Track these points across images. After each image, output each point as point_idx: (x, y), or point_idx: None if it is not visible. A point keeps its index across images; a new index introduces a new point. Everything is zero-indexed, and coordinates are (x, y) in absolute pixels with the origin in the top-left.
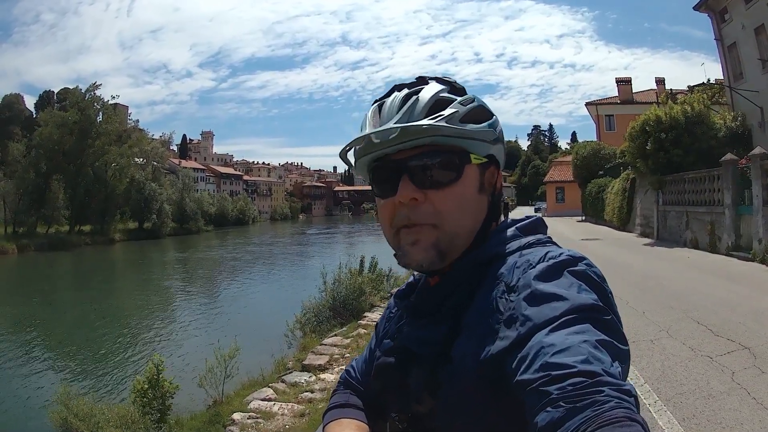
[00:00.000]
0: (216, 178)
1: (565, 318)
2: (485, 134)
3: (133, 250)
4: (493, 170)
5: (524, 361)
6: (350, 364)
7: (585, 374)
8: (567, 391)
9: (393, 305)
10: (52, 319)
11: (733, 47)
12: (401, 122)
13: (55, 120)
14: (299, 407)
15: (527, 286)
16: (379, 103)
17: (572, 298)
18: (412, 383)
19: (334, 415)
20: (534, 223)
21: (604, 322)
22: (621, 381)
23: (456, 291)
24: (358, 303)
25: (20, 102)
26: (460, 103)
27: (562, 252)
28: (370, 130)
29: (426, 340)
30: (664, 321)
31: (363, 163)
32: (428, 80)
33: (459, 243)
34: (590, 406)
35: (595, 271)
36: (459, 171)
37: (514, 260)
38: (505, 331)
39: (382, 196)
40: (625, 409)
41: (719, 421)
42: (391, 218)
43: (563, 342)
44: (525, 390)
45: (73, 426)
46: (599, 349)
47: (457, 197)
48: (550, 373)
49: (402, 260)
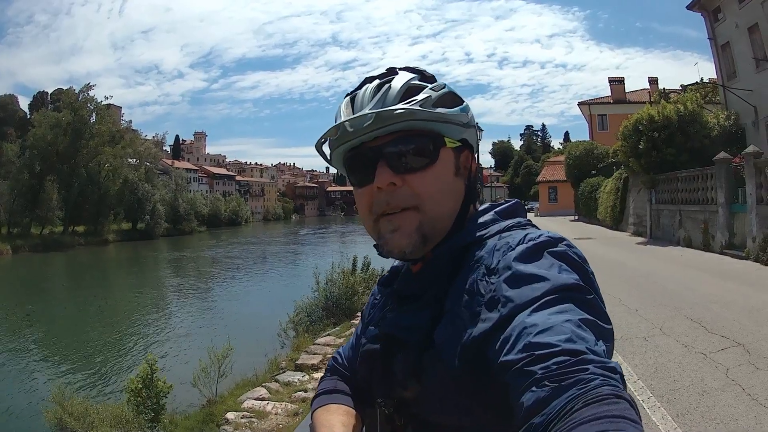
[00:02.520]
0: (209, 178)
1: (547, 298)
2: (458, 117)
3: (126, 251)
4: (468, 154)
5: (507, 342)
6: (338, 351)
7: (569, 353)
8: (551, 371)
9: (377, 292)
10: (47, 319)
11: (727, 46)
12: (375, 109)
13: (48, 121)
14: (293, 406)
15: (507, 268)
16: (351, 95)
17: (553, 278)
18: (397, 369)
19: (323, 401)
20: (513, 207)
21: (587, 301)
22: (606, 359)
23: (438, 276)
24: (351, 303)
25: (14, 103)
26: (431, 89)
27: (542, 234)
28: (345, 119)
29: (410, 326)
30: (658, 318)
31: (339, 153)
32: (398, 70)
33: (440, 226)
34: (575, 384)
35: (575, 252)
36: (435, 154)
37: (493, 243)
38: (486, 313)
39: (359, 185)
40: (611, 387)
41: (714, 417)
42: (369, 206)
43: (546, 322)
44: (509, 371)
45: (68, 425)
46: (582, 328)
47: (435, 180)
48: (533, 353)
49: (383, 249)
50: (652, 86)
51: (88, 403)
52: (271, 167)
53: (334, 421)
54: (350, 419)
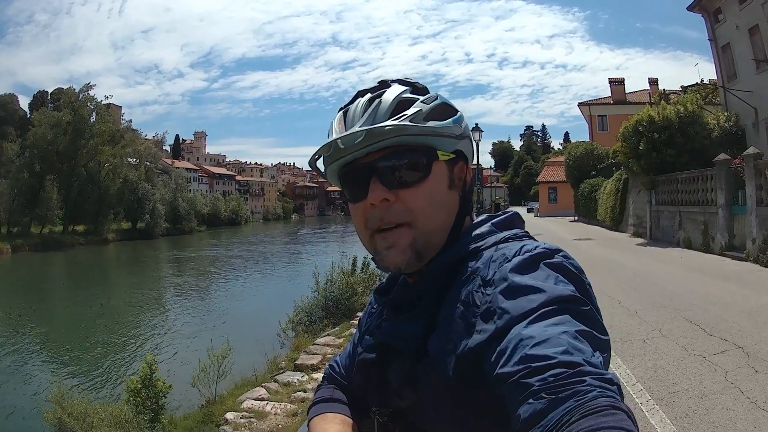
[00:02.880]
0: (209, 178)
1: (543, 310)
2: (451, 130)
3: (126, 250)
4: (462, 165)
5: (503, 354)
6: (334, 359)
7: (566, 365)
8: (548, 383)
9: (374, 301)
10: (46, 319)
11: (727, 47)
12: (366, 125)
13: (48, 120)
14: (292, 407)
15: (503, 280)
16: (344, 110)
17: (549, 290)
18: (392, 378)
19: (319, 409)
20: (510, 218)
21: (583, 312)
22: (603, 370)
23: (434, 287)
24: (351, 303)
25: (14, 102)
26: (423, 102)
27: (538, 245)
28: (337, 137)
29: (405, 335)
30: (657, 320)
31: (333, 170)
32: (390, 83)
33: (435, 241)
34: (572, 396)
35: (572, 263)
36: (427, 169)
37: (489, 254)
38: (482, 324)
39: (353, 200)
40: (609, 398)
41: (712, 420)
42: (364, 221)
43: (542, 334)
44: (505, 383)
45: (68, 425)
46: (579, 339)
47: (428, 194)
48: (530, 365)
49: (380, 264)
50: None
51: (88, 403)
52: (271, 167)
53: (331, 430)
54: (347, 428)
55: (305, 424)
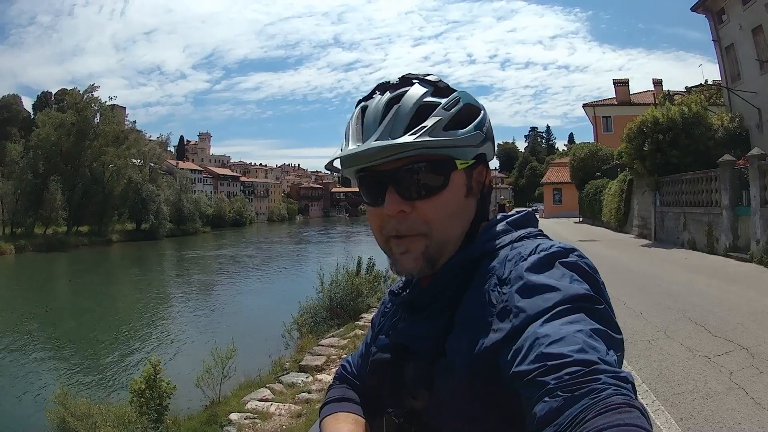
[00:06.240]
0: (213, 179)
1: (559, 308)
2: (471, 139)
3: (130, 251)
4: (481, 169)
5: (519, 352)
6: (346, 359)
7: (581, 363)
8: (564, 381)
9: (388, 301)
10: (50, 319)
11: (731, 48)
12: (383, 138)
13: (53, 121)
14: (296, 408)
15: (519, 278)
16: (363, 105)
17: (564, 289)
18: (407, 379)
19: (331, 409)
20: (525, 217)
21: (597, 311)
22: (617, 368)
23: (449, 287)
24: (355, 304)
25: (18, 103)
26: (444, 108)
27: (553, 244)
28: (354, 142)
29: (420, 335)
30: (662, 321)
31: (351, 171)
32: (412, 81)
33: (448, 248)
34: (588, 394)
35: (586, 262)
36: (445, 179)
37: (505, 254)
38: (498, 323)
39: (371, 204)
40: (624, 396)
41: (717, 420)
42: (380, 226)
43: (558, 332)
44: (521, 381)
45: (71, 425)
46: (594, 338)
47: (445, 205)
48: (546, 364)
49: (394, 268)
50: (656, 88)
51: (91, 404)
52: (275, 168)
53: (343, 429)
54: (359, 428)
55: (317, 423)
